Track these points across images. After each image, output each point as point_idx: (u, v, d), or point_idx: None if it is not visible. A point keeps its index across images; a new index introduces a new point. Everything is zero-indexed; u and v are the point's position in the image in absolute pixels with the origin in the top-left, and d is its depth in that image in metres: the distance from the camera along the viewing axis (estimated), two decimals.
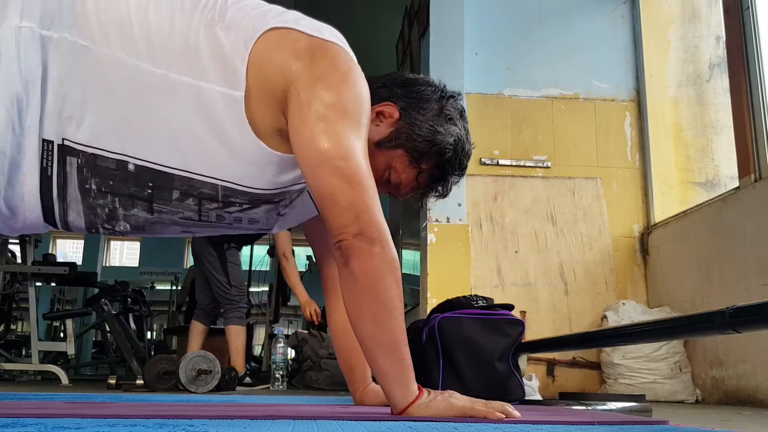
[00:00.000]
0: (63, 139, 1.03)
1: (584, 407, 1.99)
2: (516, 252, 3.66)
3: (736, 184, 3.05)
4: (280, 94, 1.08)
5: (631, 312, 3.44)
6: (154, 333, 11.08)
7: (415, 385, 1.09)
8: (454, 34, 3.76)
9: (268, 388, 3.72)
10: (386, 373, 1.07)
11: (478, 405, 1.08)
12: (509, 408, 1.09)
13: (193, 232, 1.22)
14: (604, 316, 3.51)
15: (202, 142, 1.07)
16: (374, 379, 1.44)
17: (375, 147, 1.22)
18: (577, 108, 3.90)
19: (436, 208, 3.48)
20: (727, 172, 3.60)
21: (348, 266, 1.04)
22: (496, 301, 2.61)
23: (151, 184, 1.09)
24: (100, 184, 1.07)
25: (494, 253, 3.63)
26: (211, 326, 4.33)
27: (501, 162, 3.77)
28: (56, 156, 1.04)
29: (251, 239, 4.50)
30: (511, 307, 2.57)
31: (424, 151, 1.24)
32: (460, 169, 1.30)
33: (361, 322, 1.06)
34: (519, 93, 3.89)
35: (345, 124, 1.05)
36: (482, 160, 3.75)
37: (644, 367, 3.27)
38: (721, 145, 3.65)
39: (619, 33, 4.01)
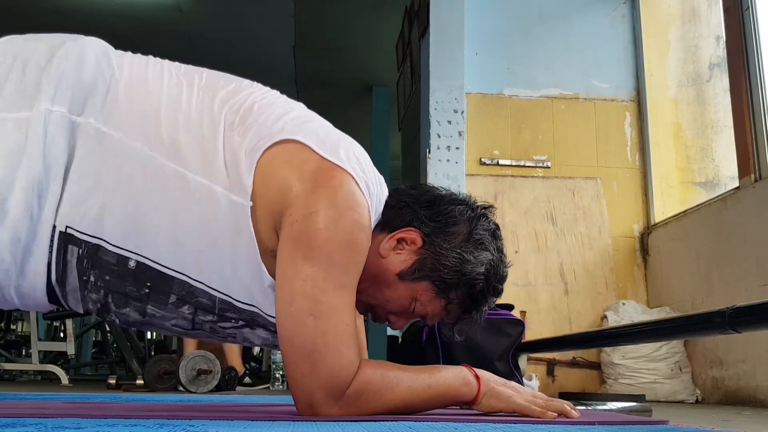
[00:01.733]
0: (66, 227, 0.99)
1: (584, 407, 1.99)
2: (516, 252, 3.66)
3: (736, 184, 3.05)
4: (277, 214, 1.02)
5: (631, 312, 3.44)
6: (154, 333, 11.08)
7: (465, 384, 1.07)
8: (454, 34, 3.76)
9: (268, 388, 3.72)
10: (445, 405, 1.09)
11: (538, 402, 1.08)
12: (567, 407, 1.09)
13: (184, 335, 1.16)
14: (604, 316, 3.51)
15: (207, 248, 1.02)
16: None
17: (397, 278, 1.11)
18: (577, 108, 3.90)
19: None
20: (727, 172, 3.60)
21: (327, 413, 0.99)
22: (496, 301, 2.61)
23: (149, 284, 1.03)
24: (97, 278, 1.02)
25: None
26: None
27: (501, 162, 3.77)
28: (56, 243, 0.99)
29: None
30: (511, 307, 2.57)
31: (451, 283, 1.11)
32: (495, 295, 1.19)
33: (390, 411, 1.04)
34: (519, 93, 3.89)
35: (326, 275, 0.97)
36: (482, 160, 3.75)
37: (644, 367, 3.27)
38: (721, 145, 3.65)
39: (619, 33, 4.01)
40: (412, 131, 4.38)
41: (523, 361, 2.54)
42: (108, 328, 6.21)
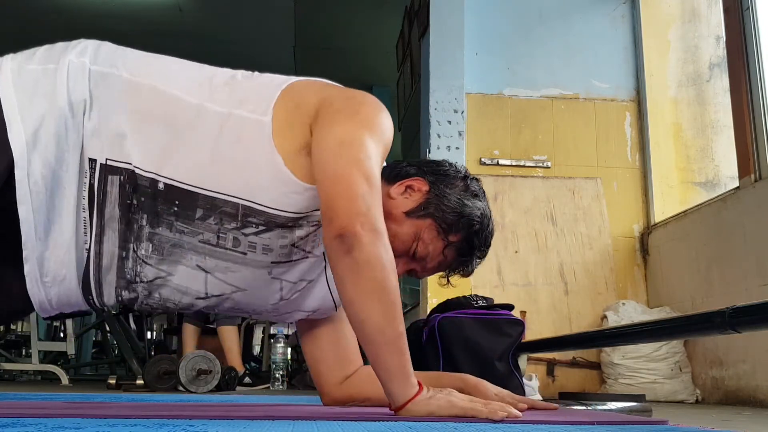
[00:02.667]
0: (107, 159, 1.13)
1: (584, 407, 1.99)
2: (516, 252, 3.66)
3: (736, 184, 3.05)
4: (312, 111, 1.16)
5: (631, 312, 3.44)
6: (154, 333, 11.07)
7: (415, 380, 1.08)
8: (454, 34, 3.76)
9: (268, 388, 3.72)
10: (389, 368, 1.06)
11: (479, 405, 1.07)
12: (509, 408, 1.08)
13: (206, 266, 1.20)
14: (604, 316, 3.51)
15: (227, 164, 1.14)
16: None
17: (405, 216, 1.26)
18: (577, 108, 3.90)
19: None
20: (727, 172, 3.60)
21: (352, 254, 1.03)
22: (496, 301, 2.61)
23: (177, 202, 1.15)
24: (138, 199, 1.15)
25: (494, 253, 3.63)
26: (208, 326, 4.33)
27: (501, 162, 3.77)
28: (97, 174, 1.14)
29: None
30: (511, 307, 2.57)
31: (452, 223, 1.27)
32: (486, 246, 1.35)
33: (366, 313, 1.05)
34: (519, 93, 3.89)
35: (370, 135, 1.13)
36: (482, 160, 3.75)
37: (644, 367, 3.28)
38: (721, 145, 3.65)
39: (619, 33, 4.01)
40: (412, 131, 4.39)
41: (523, 361, 2.54)
42: (108, 328, 6.20)
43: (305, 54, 6.23)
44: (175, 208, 1.15)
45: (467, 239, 1.29)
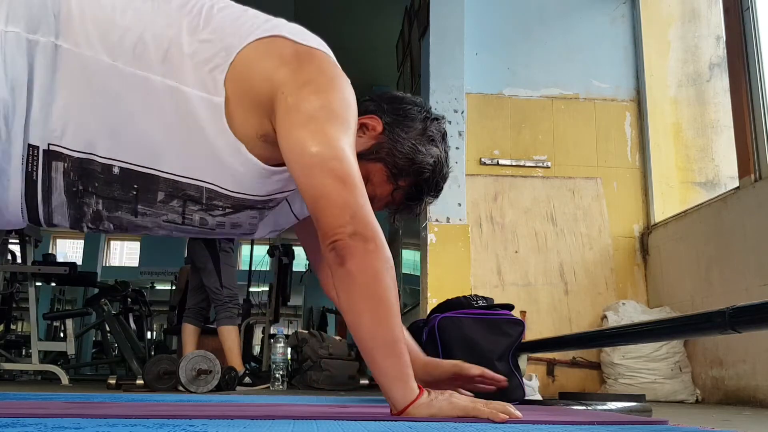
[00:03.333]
0: (49, 144, 1.03)
1: (584, 407, 1.99)
2: (516, 252, 3.66)
3: (736, 184, 3.05)
4: (266, 100, 1.08)
5: (631, 312, 3.44)
6: (154, 333, 11.07)
7: (415, 384, 1.08)
8: (454, 34, 3.76)
9: (268, 388, 3.72)
10: (386, 372, 1.06)
11: (480, 405, 1.07)
12: (510, 408, 1.08)
13: (174, 235, 1.21)
14: (604, 316, 3.51)
15: (185, 145, 1.07)
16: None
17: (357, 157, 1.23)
18: (577, 108, 3.90)
19: (436, 208, 3.48)
20: (727, 172, 3.60)
21: (345, 266, 1.04)
22: (496, 301, 2.61)
23: (135, 186, 1.09)
24: (86, 185, 1.07)
25: (494, 253, 3.63)
26: (208, 326, 4.33)
27: (501, 162, 3.77)
28: (41, 161, 1.04)
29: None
30: (511, 307, 2.57)
31: (403, 168, 1.24)
32: (436, 190, 1.31)
33: (359, 320, 1.06)
34: (519, 93, 3.89)
35: (335, 126, 1.06)
36: (482, 160, 3.75)
37: (644, 367, 3.27)
38: (721, 145, 3.65)
39: (619, 33, 4.01)
40: None
41: (523, 361, 2.54)
42: (108, 328, 6.21)
43: None
44: (134, 192, 1.09)
45: (416, 185, 1.27)
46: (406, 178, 1.25)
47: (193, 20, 1.08)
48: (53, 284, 8.00)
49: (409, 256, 7.65)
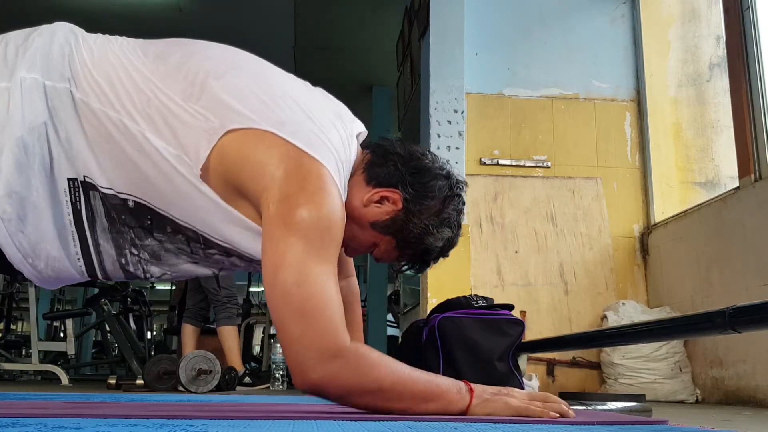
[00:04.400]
0: (84, 176, 1.12)
1: (584, 407, 1.99)
2: (516, 252, 3.66)
3: (736, 184, 3.05)
4: (253, 194, 1.10)
5: (631, 312, 3.44)
6: (154, 333, 11.08)
7: (457, 393, 1.08)
8: (454, 34, 3.76)
9: (268, 388, 3.72)
10: (434, 411, 1.08)
11: (535, 405, 1.09)
12: (565, 406, 1.10)
13: (201, 265, 1.26)
14: (604, 316, 3.51)
15: (178, 196, 1.12)
16: None
17: (369, 225, 1.24)
18: (577, 108, 3.90)
19: None
20: (727, 172, 3.60)
21: (328, 396, 1.05)
22: (496, 301, 2.61)
23: (149, 218, 1.16)
24: (119, 213, 1.15)
25: (494, 253, 3.63)
26: (208, 326, 4.33)
27: (501, 162, 3.77)
28: (81, 191, 1.13)
29: None
30: (511, 307, 2.57)
31: (411, 245, 1.27)
32: (441, 258, 1.35)
33: (380, 411, 1.07)
34: (519, 93, 3.89)
35: (304, 248, 1.04)
36: (482, 160, 3.75)
37: (644, 367, 3.27)
38: (721, 145, 3.65)
39: (619, 33, 4.01)
40: (412, 131, 4.38)
41: (523, 361, 2.54)
42: (108, 328, 6.21)
43: (305, 54, 6.23)
44: (148, 222, 1.16)
45: (422, 259, 1.31)
46: (414, 252, 1.29)
47: (187, 89, 1.12)
48: None
49: None
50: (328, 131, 1.16)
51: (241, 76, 1.16)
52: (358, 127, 1.29)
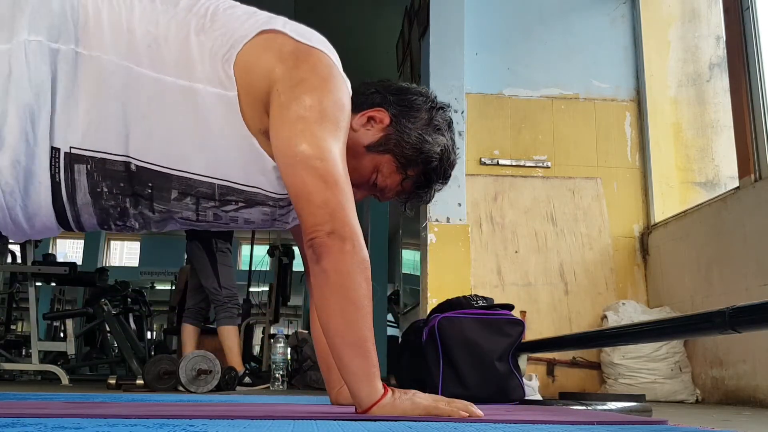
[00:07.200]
0: (70, 147, 1.08)
1: (584, 407, 1.99)
2: (516, 252, 3.66)
3: (736, 184, 3.05)
4: (265, 95, 1.11)
5: (631, 312, 3.44)
6: (154, 333, 11.07)
7: (380, 384, 1.10)
8: (454, 34, 3.76)
9: (268, 388, 3.73)
10: (352, 371, 1.08)
11: (441, 404, 1.09)
12: (472, 407, 1.10)
13: (194, 228, 1.25)
14: (604, 316, 3.51)
15: (199, 143, 1.11)
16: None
17: (365, 150, 1.26)
18: (577, 108, 3.90)
19: (436, 208, 3.48)
20: (727, 172, 3.60)
21: (320, 264, 1.06)
22: (496, 301, 2.61)
23: (150, 184, 1.13)
24: (111, 187, 1.12)
25: (494, 253, 3.63)
26: (208, 326, 4.32)
27: (501, 162, 3.77)
28: (62, 163, 1.08)
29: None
30: (511, 307, 2.57)
31: (411, 158, 1.27)
32: (445, 178, 1.35)
33: (329, 318, 1.08)
34: (519, 93, 3.89)
35: (323, 126, 1.08)
36: (482, 160, 3.75)
37: (644, 367, 3.27)
38: (721, 145, 3.65)
39: (619, 33, 4.01)
40: None
41: (523, 361, 2.54)
42: (108, 328, 6.21)
43: None
44: (149, 190, 1.14)
45: (425, 174, 1.30)
46: (415, 167, 1.28)
47: (199, 21, 1.13)
48: (53, 284, 8.00)
49: (409, 256, 7.64)
50: (326, 42, 1.20)
51: (241, 6, 1.20)
52: None
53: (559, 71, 3.92)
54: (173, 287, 9.83)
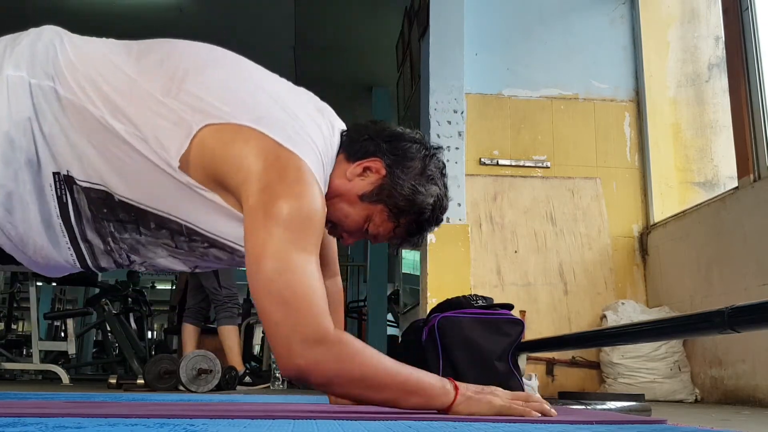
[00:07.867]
0: (68, 170, 1.14)
1: (583, 407, 2.00)
2: (516, 252, 3.66)
3: (735, 184, 3.05)
4: (233, 186, 1.11)
5: (631, 312, 3.44)
6: (155, 333, 11.08)
7: (441, 389, 1.09)
8: (454, 34, 3.76)
9: (268, 387, 3.73)
10: (416, 406, 1.08)
11: (517, 404, 1.10)
12: (547, 406, 1.11)
13: (177, 255, 1.26)
14: (604, 316, 3.52)
15: (161, 188, 1.14)
16: None
17: (358, 199, 1.26)
18: (577, 108, 3.90)
19: None
20: (726, 172, 3.60)
21: (312, 382, 1.04)
22: (496, 301, 2.62)
23: (133, 215, 1.18)
24: (98, 209, 1.18)
25: (494, 252, 3.64)
26: (208, 326, 4.33)
27: (500, 162, 3.77)
28: (65, 184, 1.15)
29: None
30: (510, 307, 2.58)
31: (403, 209, 1.26)
32: (436, 224, 1.34)
33: (362, 400, 1.08)
34: (518, 93, 3.89)
35: (284, 236, 1.04)
36: (482, 160, 3.75)
37: (643, 366, 3.28)
38: (720, 146, 3.65)
39: (619, 33, 4.01)
40: None
41: (522, 360, 2.54)
42: (109, 328, 6.21)
43: (305, 54, 6.23)
44: (133, 217, 1.18)
45: (417, 223, 1.30)
46: (407, 217, 1.28)
47: (167, 84, 1.14)
48: (54, 284, 8.00)
49: (409, 256, 7.65)
50: (308, 126, 1.18)
51: (219, 73, 1.19)
52: (341, 125, 1.32)
53: (558, 71, 3.93)
54: (173, 287, 9.83)
